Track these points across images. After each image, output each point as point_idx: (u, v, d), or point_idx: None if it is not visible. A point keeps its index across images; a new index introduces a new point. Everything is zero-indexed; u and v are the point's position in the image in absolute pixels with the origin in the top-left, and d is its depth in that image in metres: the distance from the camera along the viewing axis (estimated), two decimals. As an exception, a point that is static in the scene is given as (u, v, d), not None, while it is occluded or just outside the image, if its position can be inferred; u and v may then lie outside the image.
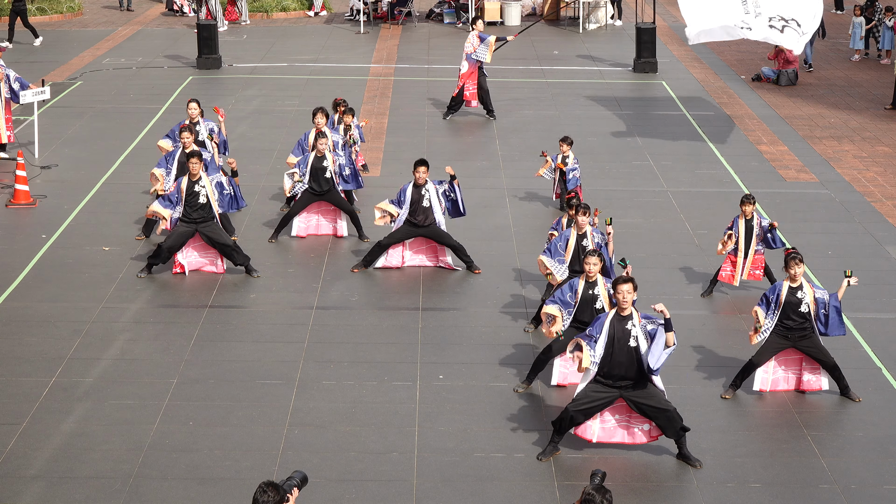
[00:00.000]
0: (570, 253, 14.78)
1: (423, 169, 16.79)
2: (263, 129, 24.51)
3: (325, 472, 12.09)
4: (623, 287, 11.97)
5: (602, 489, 9.26)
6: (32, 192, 20.07)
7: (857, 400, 13.58)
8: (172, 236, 16.65)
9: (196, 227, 16.64)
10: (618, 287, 12.02)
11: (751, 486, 11.96)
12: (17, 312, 15.78)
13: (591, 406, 12.20)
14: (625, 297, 11.97)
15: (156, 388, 13.79)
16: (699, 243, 18.28)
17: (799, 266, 13.37)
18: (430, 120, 25.30)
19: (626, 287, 11.97)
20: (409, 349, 14.85)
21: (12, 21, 32.48)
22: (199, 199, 16.56)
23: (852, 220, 19.36)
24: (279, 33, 35.08)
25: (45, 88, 22.70)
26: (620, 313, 12.07)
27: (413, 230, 16.95)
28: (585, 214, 14.83)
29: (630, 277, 12.12)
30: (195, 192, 16.56)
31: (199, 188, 16.57)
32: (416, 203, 16.79)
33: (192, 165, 16.51)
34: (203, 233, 16.67)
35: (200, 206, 16.58)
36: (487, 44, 24.54)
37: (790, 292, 13.40)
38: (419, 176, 16.78)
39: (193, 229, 16.65)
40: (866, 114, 26.08)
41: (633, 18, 32.58)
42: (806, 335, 13.45)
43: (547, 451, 12.42)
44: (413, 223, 16.87)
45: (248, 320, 15.67)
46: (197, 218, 16.60)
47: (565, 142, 19.14)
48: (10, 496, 11.66)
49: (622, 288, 11.98)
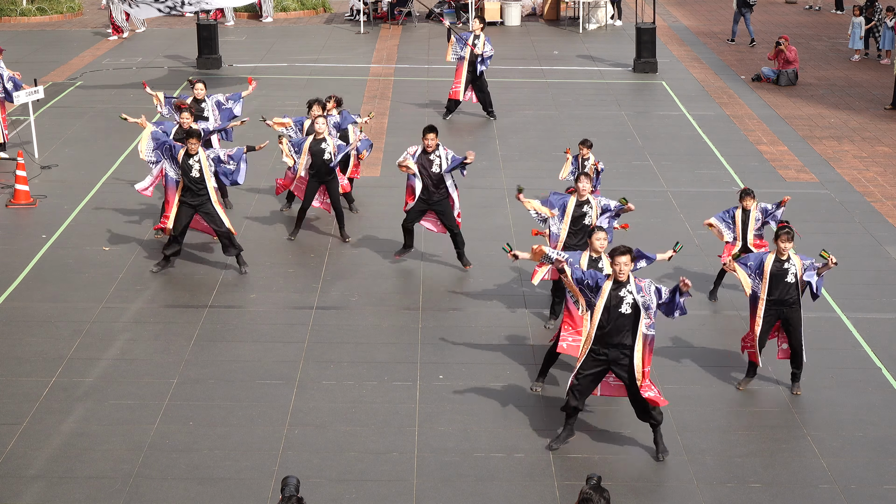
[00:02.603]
0: (567, 218, 14.81)
1: (433, 136, 16.65)
2: (263, 129, 24.48)
3: (325, 472, 12.10)
4: (621, 259, 12.03)
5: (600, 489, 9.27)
6: (32, 192, 20.08)
7: (795, 393, 13.72)
8: (179, 222, 16.72)
9: (195, 210, 16.68)
10: (615, 259, 12.06)
11: (751, 486, 11.96)
12: (17, 312, 15.79)
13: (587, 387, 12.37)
14: (622, 269, 12.03)
15: (156, 388, 13.79)
16: (699, 243, 18.28)
17: (788, 242, 13.51)
18: (430, 120, 25.26)
19: (623, 259, 12.02)
20: (409, 349, 14.85)
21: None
22: (191, 172, 16.58)
23: (852, 220, 19.37)
24: (279, 33, 35.08)
25: (38, 88, 22.69)
26: (618, 280, 12.13)
27: (425, 206, 16.92)
28: (588, 181, 14.90)
29: (628, 248, 12.13)
30: (188, 165, 16.59)
31: (192, 161, 16.58)
32: (426, 168, 16.73)
33: (190, 145, 16.53)
34: (202, 213, 16.72)
35: (193, 181, 16.61)
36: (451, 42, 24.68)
37: (776, 264, 13.52)
38: (428, 143, 16.63)
39: (192, 211, 16.70)
40: (866, 114, 26.08)
41: (633, 18, 32.58)
42: (793, 309, 13.58)
43: (561, 437, 12.47)
44: (424, 198, 16.81)
45: (248, 320, 15.67)
46: (195, 192, 16.65)
47: (585, 144, 18.08)
48: (10, 496, 11.67)
49: (619, 260, 12.03)
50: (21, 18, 36.34)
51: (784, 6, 40.12)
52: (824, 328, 15.46)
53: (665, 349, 14.79)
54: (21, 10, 36.77)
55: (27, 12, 36.56)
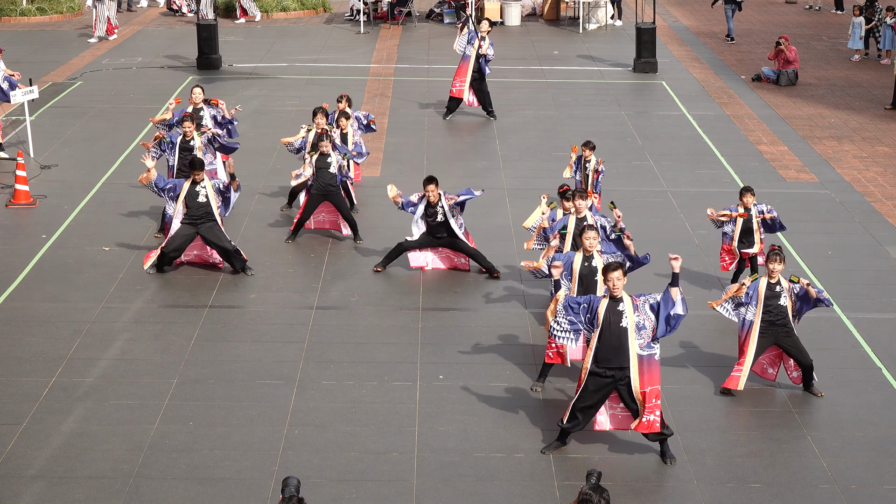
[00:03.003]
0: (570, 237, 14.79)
1: (433, 187, 16.49)
2: (263, 129, 24.50)
3: (325, 472, 12.10)
4: (613, 274, 12.03)
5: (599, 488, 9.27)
6: (32, 192, 20.08)
7: (819, 395, 13.67)
8: (175, 240, 16.66)
9: (196, 229, 16.65)
10: (608, 274, 12.06)
11: (751, 486, 11.96)
12: (17, 312, 15.79)
13: (592, 404, 12.27)
14: (615, 283, 12.02)
15: (156, 388, 13.79)
16: (699, 243, 18.29)
17: (778, 264, 13.52)
18: (430, 120, 25.30)
19: (615, 274, 12.03)
20: (409, 349, 14.85)
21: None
22: (198, 198, 16.58)
23: (852, 220, 19.37)
24: (279, 33, 35.08)
25: (32, 88, 22.68)
26: (613, 297, 12.12)
27: (432, 241, 16.89)
28: (584, 199, 14.87)
29: (620, 263, 12.16)
30: (195, 192, 16.58)
31: (199, 188, 16.60)
32: (430, 220, 16.64)
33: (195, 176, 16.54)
34: (203, 235, 16.68)
35: (200, 206, 16.59)
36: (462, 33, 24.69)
37: (769, 287, 13.54)
38: (431, 195, 16.51)
39: (194, 231, 16.66)
40: (866, 114, 26.08)
41: (633, 18, 32.58)
42: (788, 332, 13.55)
43: (552, 445, 12.47)
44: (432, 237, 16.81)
45: (248, 320, 15.67)
46: (197, 217, 16.61)
47: (588, 146, 18.03)
48: (10, 496, 11.66)
49: (612, 275, 12.03)
50: (21, 18, 36.33)
51: (784, 6, 40.13)
52: (824, 328, 15.46)
53: (665, 349, 14.77)
54: (21, 10, 36.77)
55: (27, 12, 36.56)
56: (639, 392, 12.10)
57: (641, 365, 12.11)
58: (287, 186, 19.85)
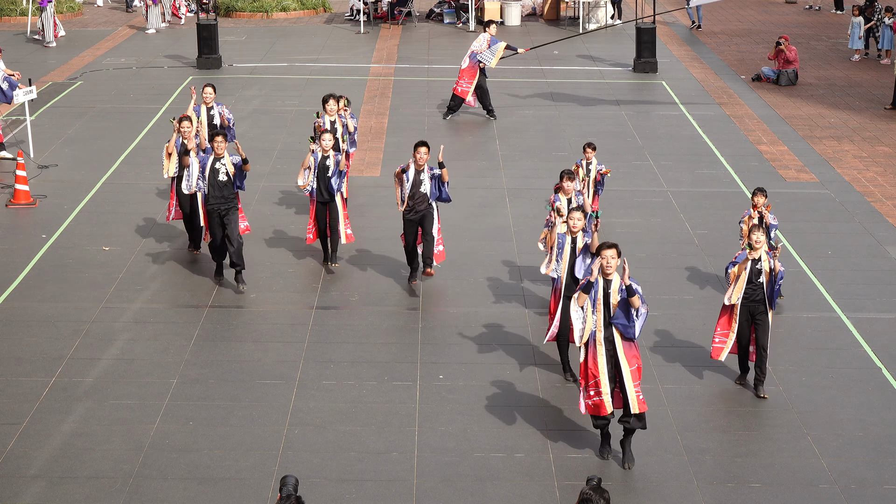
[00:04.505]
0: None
1: (424, 149, 16.16)
2: (263, 129, 24.51)
3: (325, 472, 12.10)
4: (607, 252, 12.03)
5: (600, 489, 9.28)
6: (32, 192, 20.08)
7: (762, 396, 13.65)
8: (211, 231, 16.52)
9: (220, 217, 16.41)
10: (602, 252, 12.06)
11: (751, 486, 11.96)
12: (17, 312, 15.79)
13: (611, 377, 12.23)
14: (609, 262, 12.02)
15: (156, 388, 13.79)
16: (699, 243, 18.28)
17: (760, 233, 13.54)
18: (430, 120, 25.31)
19: (610, 252, 12.04)
20: (409, 349, 14.85)
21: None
22: (219, 176, 16.29)
23: (852, 220, 19.36)
24: (279, 33, 35.08)
25: (31, 88, 22.68)
26: (605, 277, 12.13)
27: (414, 225, 16.38)
28: (572, 180, 14.97)
29: (614, 243, 12.19)
30: (216, 170, 16.29)
31: (219, 165, 16.28)
32: (416, 187, 16.19)
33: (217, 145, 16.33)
34: (226, 221, 16.34)
35: (221, 185, 16.29)
36: (495, 50, 24.63)
37: (752, 262, 13.62)
38: (420, 157, 16.11)
39: (219, 218, 16.40)
40: (866, 114, 26.08)
41: (633, 17, 32.57)
42: (763, 310, 13.62)
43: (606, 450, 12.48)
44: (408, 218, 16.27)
45: (248, 320, 15.67)
46: (220, 198, 16.27)
47: (589, 147, 17.74)
48: (10, 496, 11.67)
49: (606, 253, 12.03)
50: (21, 18, 36.33)
51: (784, 6, 40.13)
52: (824, 328, 15.46)
53: (665, 349, 14.79)
54: (21, 10, 36.78)
55: (27, 12, 36.56)
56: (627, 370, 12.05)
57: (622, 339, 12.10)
58: (287, 187, 19.84)
